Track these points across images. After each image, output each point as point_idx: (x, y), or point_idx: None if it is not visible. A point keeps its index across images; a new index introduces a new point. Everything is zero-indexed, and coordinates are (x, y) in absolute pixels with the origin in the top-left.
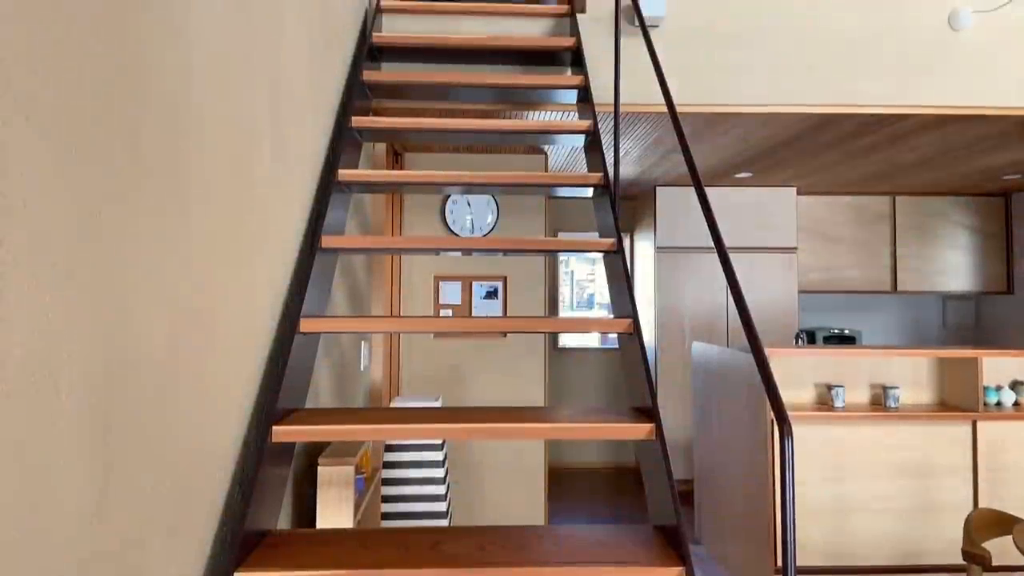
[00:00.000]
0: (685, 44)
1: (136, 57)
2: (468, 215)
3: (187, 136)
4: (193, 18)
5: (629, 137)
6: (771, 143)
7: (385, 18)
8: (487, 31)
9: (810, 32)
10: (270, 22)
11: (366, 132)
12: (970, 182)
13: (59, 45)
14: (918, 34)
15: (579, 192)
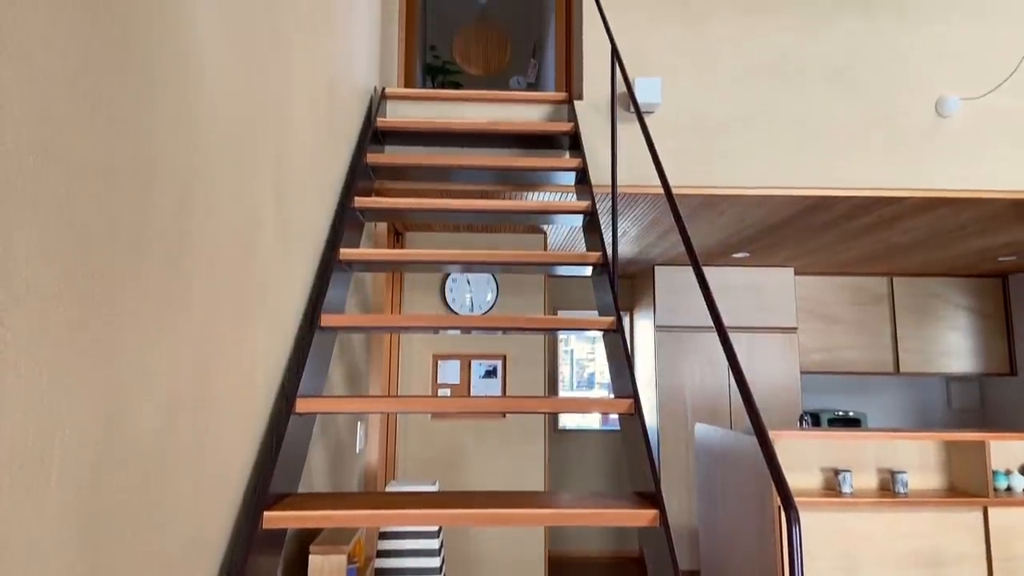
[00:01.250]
0: (680, 129)
1: (144, 140)
2: (468, 293)
3: (191, 215)
4: (203, 99)
5: (627, 217)
6: (767, 224)
7: (389, 104)
8: (488, 116)
9: (802, 117)
10: (278, 105)
11: (368, 212)
12: (966, 263)
13: (69, 130)
14: (907, 120)
15: (578, 271)
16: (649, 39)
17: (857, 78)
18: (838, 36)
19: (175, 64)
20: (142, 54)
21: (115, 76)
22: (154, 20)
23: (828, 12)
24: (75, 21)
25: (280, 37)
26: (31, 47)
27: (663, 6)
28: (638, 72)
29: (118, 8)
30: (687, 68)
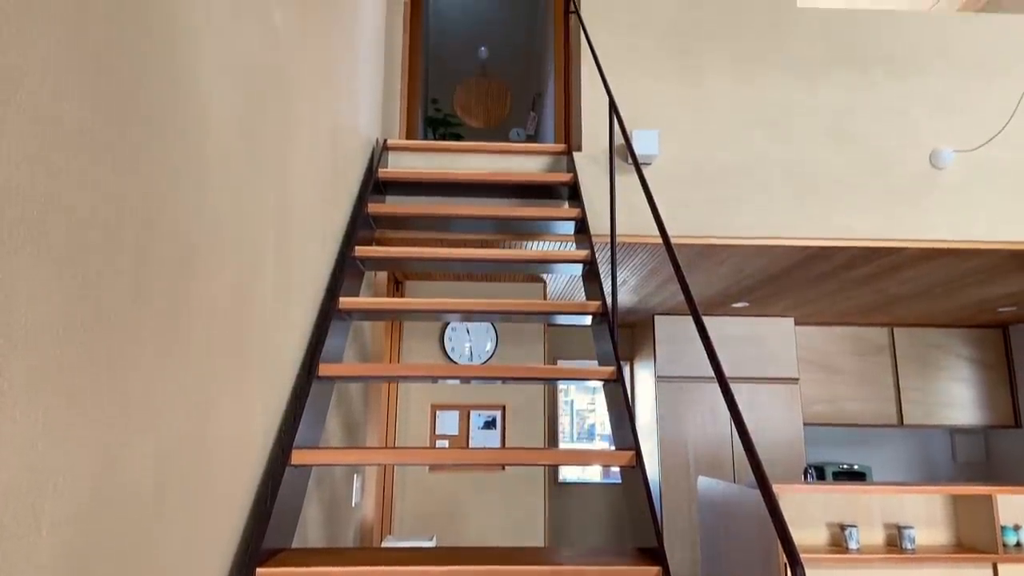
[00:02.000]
0: (678, 179)
1: (148, 191)
2: (467, 342)
3: (192, 264)
4: (208, 150)
5: (626, 267)
6: (766, 274)
7: (391, 155)
8: (488, 167)
9: (797, 169)
10: (282, 156)
11: (368, 261)
12: (967, 314)
13: (74, 181)
14: (902, 171)
15: (578, 320)
16: (647, 91)
17: (852, 130)
18: (832, 89)
19: (182, 116)
20: (149, 107)
21: (122, 128)
22: (162, 74)
23: (822, 66)
24: (85, 74)
25: (285, 90)
26: (40, 99)
27: (660, 60)
28: (636, 123)
29: (127, 63)
30: (684, 120)
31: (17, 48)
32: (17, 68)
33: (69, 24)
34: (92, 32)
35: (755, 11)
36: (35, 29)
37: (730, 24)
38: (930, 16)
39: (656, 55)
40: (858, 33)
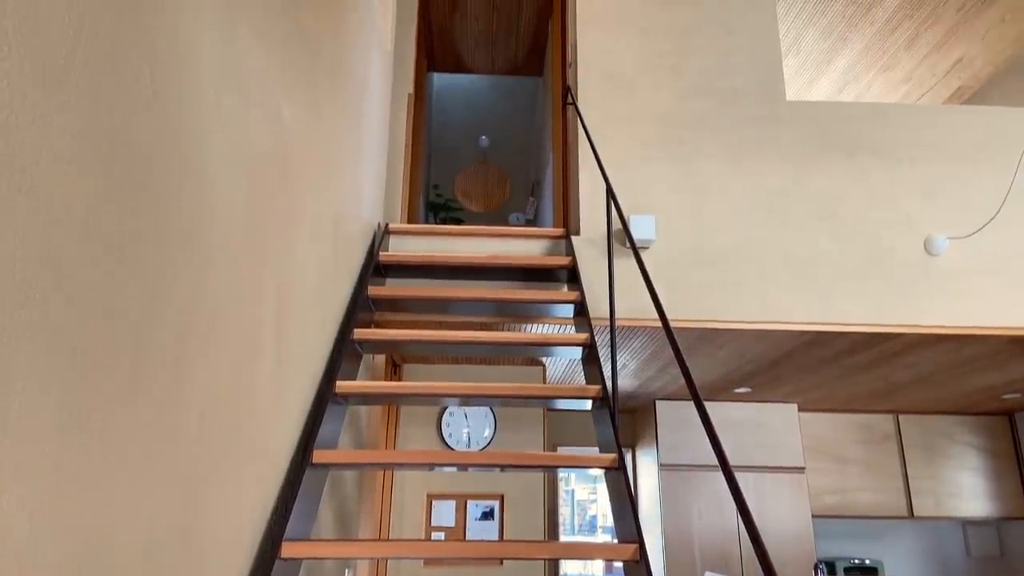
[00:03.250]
0: (675, 263)
1: (150, 277)
2: (465, 428)
3: (190, 348)
4: (212, 235)
5: (626, 350)
6: (767, 358)
7: (392, 238)
8: (488, 251)
9: (794, 253)
10: (285, 240)
11: (367, 344)
12: (971, 401)
13: (76, 267)
14: (898, 257)
15: (578, 404)
16: (643, 177)
17: (847, 216)
18: (824, 176)
19: (188, 203)
20: (156, 193)
21: (129, 216)
22: (171, 162)
23: (813, 154)
24: (95, 163)
25: (291, 178)
26: (51, 188)
27: (656, 147)
28: (633, 208)
29: (137, 152)
30: (681, 205)
31: (30, 138)
32: (29, 157)
33: (82, 115)
34: (104, 123)
35: (747, 103)
36: (49, 119)
37: (723, 115)
38: (916, 108)
39: (652, 143)
40: (847, 124)
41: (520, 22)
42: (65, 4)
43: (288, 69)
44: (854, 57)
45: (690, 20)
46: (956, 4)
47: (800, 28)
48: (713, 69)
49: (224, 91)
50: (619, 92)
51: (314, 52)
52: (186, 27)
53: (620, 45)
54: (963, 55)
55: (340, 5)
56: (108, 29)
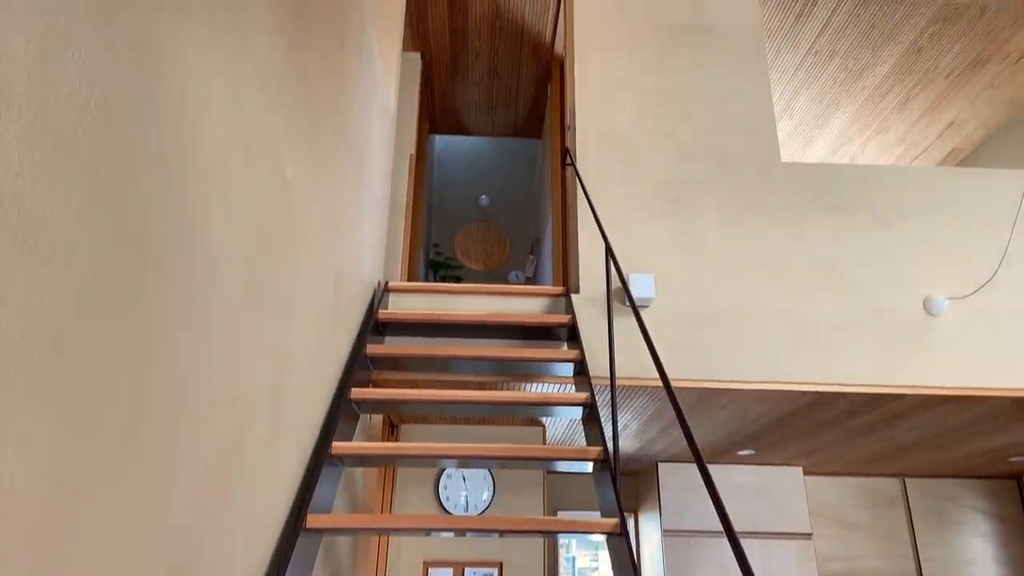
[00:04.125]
0: (675, 322)
1: (148, 334)
2: (463, 491)
3: (185, 408)
4: (212, 294)
5: (627, 410)
6: (769, 419)
7: (392, 296)
8: (487, 309)
9: (794, 313)
10: (285, 299)
11: (364, 404)
12: (977, 463)
13: (76, 324)
14: (898, 317)
15: (578, 467)
16: (642, 236)
17: (845, 276)
18: (822, 237)
19: (189, 259)
20: (159, 250)
21: (130, 272)
22: (174, 219)
23: (810, 214)
24: (99, 222)
25: (293, 237)
26: (53, 248)
27: (654, 207)
28: (632, 267)
29: (141, 210)
30: (680, 264)
31: (36, 199)
32: (35, 218)
33: (89, 177)
34: (110, 185)
35: (742, 165)
36: (55, 181)
37: (719, 177)
38: (911, 170)
39: (650, 203)
40: (843, 186)
41: (520, 87)
42: (78, 69)
43: (293, 130)
44: (847, 120)
45: (685, 85)
46: (945, 70)
47: (792, 93)
48: (709, 132)
49: (230, 152)
50: (617, 154)
51: (319, 114)
52: (196, 90)
53: (617, 109)
54: (955, 118)
55: (345, 70)
56: (119, 93)
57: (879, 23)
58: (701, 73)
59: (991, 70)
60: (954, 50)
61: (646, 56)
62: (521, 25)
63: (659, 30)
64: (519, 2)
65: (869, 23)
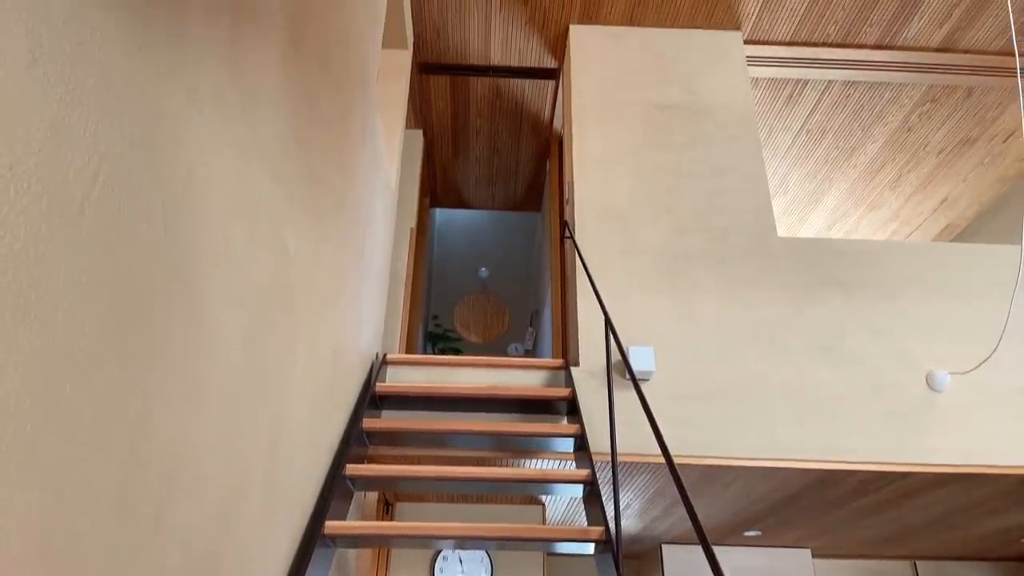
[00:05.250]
0: (676, 396)
1: (141, 409)
2: (460, 573)
3: (176, 488)
4: (209, 367)
5: (629, 488)
6: (775, 499)
7: (390, 369)
8: (486, 382)
9: (795, 388)
10: (282, 372)
11: (359, 481)
12: (989, 545)
13: (71, 398)
14: (900, 393)
15: (579, 548)
16: (641, 309)
17: (845, 350)
18: (820, 310)
19: (188, 333)
20: (158, 326)
21: (129, 348)
22: (175, 294)
23: (807, 288)
24: (99, 299)
25: (292, 310)
26: (53, 319)
27: (652, 279)
28: (632, 339)
29: (142, 285)
30: (680, 336)
31: (40, 270)
32: (37, 289)
33: (93, 249)
34: (113, 256)
35: (739, 239)
36: (60, 253)
37: (717, 250)
38: (906, 245)
39: (648, 275)
40: (839, 260)
41: (519, 162)
42: (88, 146)
43: (296, 204)
44: (840, 196)
45: (681, 162)
46: (936, 148)
47: (787, 170)
48: (705, 207)
49: (233, 225)
50: (615, 227)
51: (323, 188)
52: (203, 165)
53: (615, 184)
54: (947, 195)
55: (349, 146)
56: (127, 167)
57: (868, 104)
58: (696, 150)
59: (980, 148)
60: (943, 129)
61: (642, 133)
62: (521, 104)
63: (653, 109)
64: (519, 83)
65: (858, 104)
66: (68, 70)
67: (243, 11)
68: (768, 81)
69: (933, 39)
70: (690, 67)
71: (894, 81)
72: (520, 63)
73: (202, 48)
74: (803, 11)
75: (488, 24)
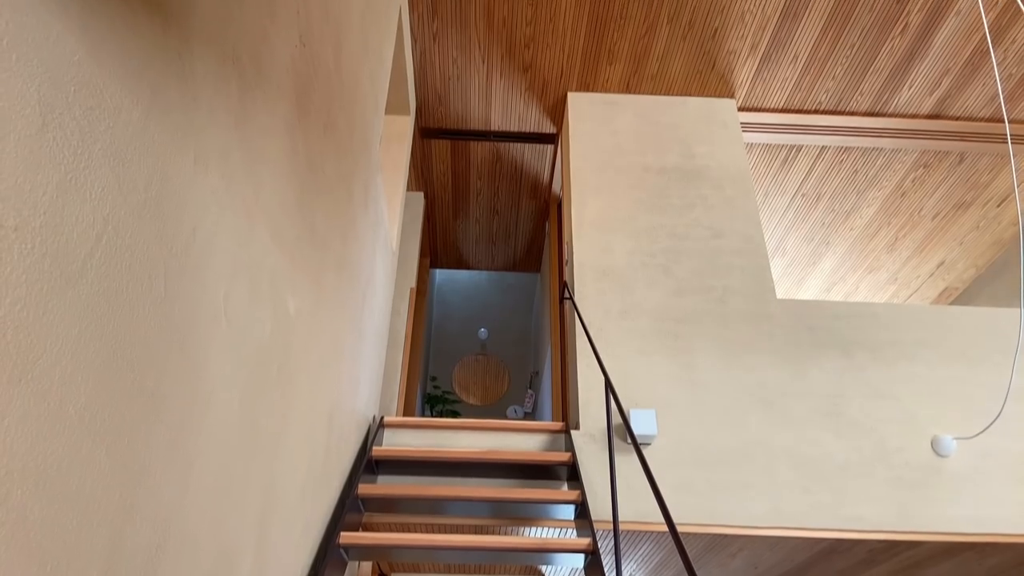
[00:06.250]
0: (679, 462)
1: (133, 473)
2: None
3: (165, 556)
4: (204, 427)
5: (632, 559)
6: (783, 569)
7: (387, 432)
8: (485, 445)
9: (799, 453)
10: (277, 438)
11: (353, 550)
12: None
13: (63, 462)
14: (906, 458)
15: None
16: (641, 370)
17: (849, 414)
18: (822, 374)
19: (185, 393)
20: (155, 384)
21: (125, 407)
22: (173, 353)
23: (808, 350)
24: (97, 357)
25: (290, 370)
26: (49, 381)
27: (652, 340)
28: (633, 402)
29: (140, 344)
30: (680, 399)
31: (38, 330)
32: (34, 350)
33: (92, 311)
34: (112, 318)
35: (738, 301)
36: (58, 314)
37: (716, 311)
38: (906, 308)
39: (648, 336)
40: (839, 322)
41: (519, 223)
42: (94, 206)
43: (297, 265)
44: (838, 259)
45: (678, 224)
46: (931, 212)
47: (783, 232)
48: (703, 268)
49: (234, 285)
50: (614, 288)
51: (323, 250)
52: (207, 225)
53: (613, 245)
54: (944, 258)
55: (351, 208)
56: (130, 229)
57: (862, 168)
58: (693, 212)
59: (975, 212)
60: (937, 194)
61: (639, 195)
62: (520, 167)
63: (651, 172)
64: (519, 146)
65: (852, 168)
66: (77, 135)
67: (251, 77)
68: (763, 146)
69: (924, 107)
70: (686, 132)
71: (887, 147)
72: (520, 128)
73: (210, 112)
74: (795, 80)
75: (489, 91)
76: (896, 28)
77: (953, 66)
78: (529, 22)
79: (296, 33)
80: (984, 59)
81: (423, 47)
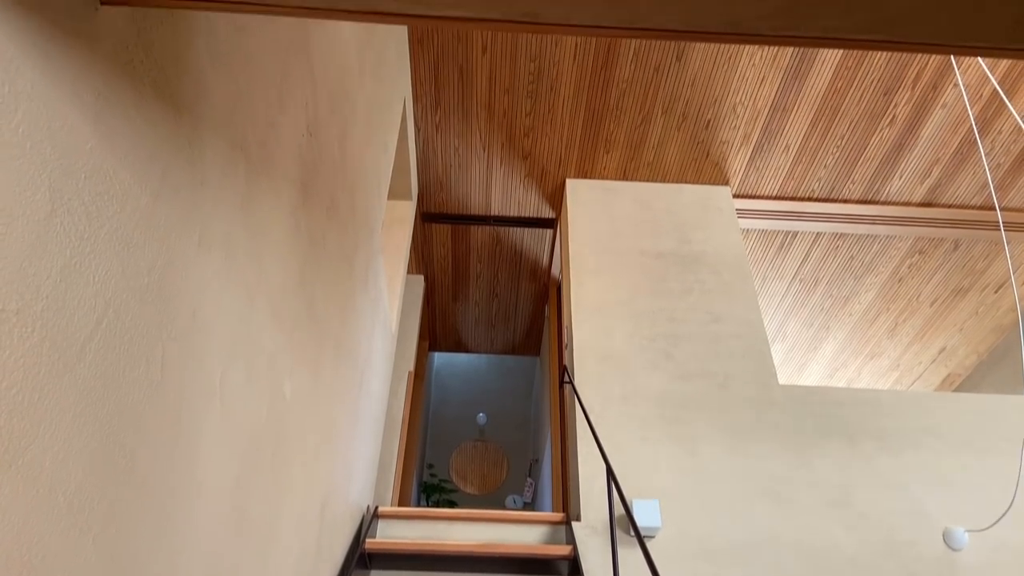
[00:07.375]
0: (684, 555)
1: (123, 561)
2: None
3: None
4: (195, 514)
5: None
6: None
7: (381, 523)
8: (482, 537)
9: (806, 545)
10: (268, 527)
11: None
12: None
13: (55, 545)
14: (917, 551)
15: None
16: (643, 458)
17: (856, 505)
18: (827, 463)
19: (176, 478)
20: (146, 468)
21: (115, 493)
22: (165, 437)
23: (812, 438)
24: (88, 442)
25: (283, 456)
26: (40, 466)
27: (654, 427)
28: (635, 491)
29: (132, 427)
30: (684, 488)
31: (32, 415)
32: (27, 435)
33: (87, 395)
34: (107, 402)
35: (740, 386)
36: (53, 398)
37: (717, 397)
38: (909, 395)
39: (650, 422)
40: (843, 409)
41: (518, 307)
42: (96, 290)
43: (295, 346)
44: (839, 344)
45: (677, 308)
46: (929, 298)
47: (783, 317)
48: (704, 353)
49: (231, 368)
50: (614, 373)
51: (323, 332)
52: (207, 306)
53: (613, 329)
54: (945, 344)
55: (351, 290)
56: (131, 312)
57: (858, 255)
58: (692, 296)
59: (973, 298)
60: (934, 280)
61: (638, 279)
62: (520, 251)
63: (648, 257)
64: (518, 231)
65: (848, 255)
66: (84, 220)
67: (258, 162)
68: (759, 231)
69: (916, 195)
70: (682, 218)
71: (881, 234)
72: (519, 213)
73: (216, 196)
74: (787, 169)
75: (489, 177)
76: (884, 120)
77: (942, 156)
78: (528, 113)
79: (304, 123)
80: (972, 149)
81: (426, 136)
